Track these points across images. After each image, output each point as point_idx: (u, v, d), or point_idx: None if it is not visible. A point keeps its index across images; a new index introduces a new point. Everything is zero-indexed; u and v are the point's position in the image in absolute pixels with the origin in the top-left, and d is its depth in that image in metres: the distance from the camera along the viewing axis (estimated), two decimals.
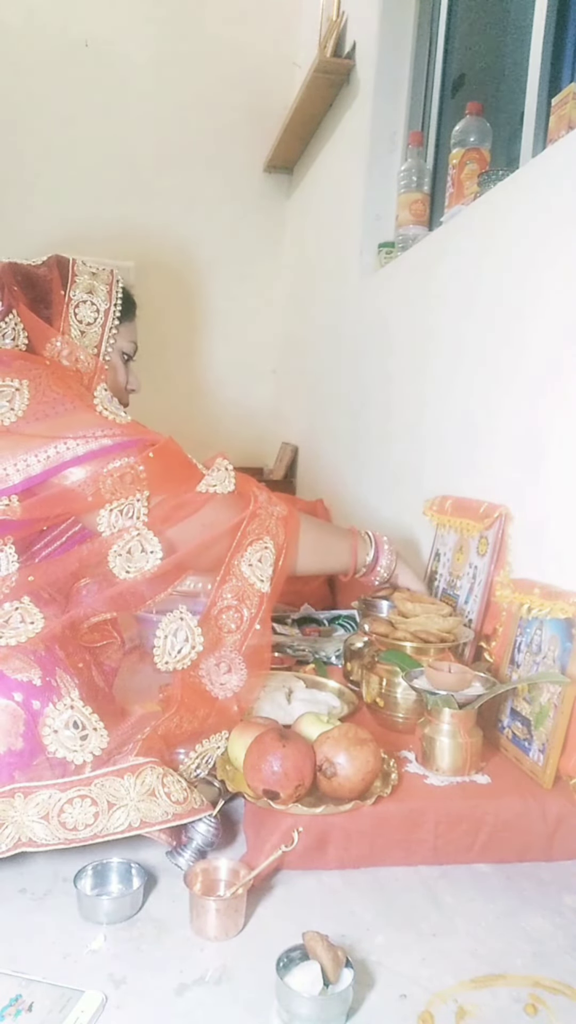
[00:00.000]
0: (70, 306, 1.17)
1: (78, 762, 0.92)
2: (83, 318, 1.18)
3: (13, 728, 0.90)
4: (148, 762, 0.94)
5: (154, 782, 0.92)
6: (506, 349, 1.39)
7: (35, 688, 0.92)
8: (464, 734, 1.05)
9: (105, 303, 1.20)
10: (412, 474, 1.80)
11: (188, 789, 0.95)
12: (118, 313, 1.21)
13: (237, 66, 3.32)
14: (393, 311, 2.02)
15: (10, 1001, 0.71)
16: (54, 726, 0.92)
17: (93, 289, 1.20)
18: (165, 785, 0.93)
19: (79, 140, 3.22)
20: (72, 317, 1.17)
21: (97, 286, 1.21)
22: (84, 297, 1.18)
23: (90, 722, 0.94)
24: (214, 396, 3.53)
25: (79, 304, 1.18)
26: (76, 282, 1.19)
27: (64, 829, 0.87)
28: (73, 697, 0.95)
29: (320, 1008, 0.69)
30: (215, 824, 0.94)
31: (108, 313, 1.19)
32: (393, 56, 2.27)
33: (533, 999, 0.74)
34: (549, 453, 1.23)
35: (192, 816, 0.93)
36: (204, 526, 1.07)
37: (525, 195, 1.37)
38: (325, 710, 1.22)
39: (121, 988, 0.74)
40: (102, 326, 1.19)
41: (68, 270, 1.20)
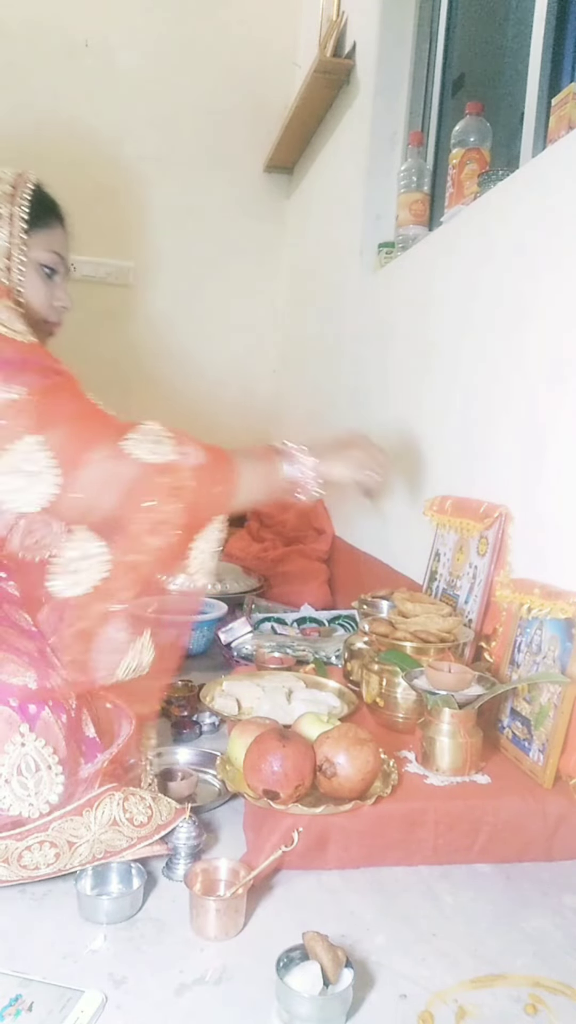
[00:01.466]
0: None
1: (34, 816, 0.87)
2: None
3: (8, 736, 0.89)
4: (105, 791, 0.91)
5: (114, 811, 0.90)
6: (506, 349, 1.39)
7: (31, 691, 0.91)
8: (464, 734, 1.05)
9: (8, 208, 1.05)
10: (412, 474, 1.80)
11: (152, 806, 0.92)
12: (24, 215, 1.06)
13: (237, 66, 3.32)
14: (393, 311, 2.02)
15: (10, 1001, 0.71)
16: (4, 775, 0.87)
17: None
18: (127, 811, 0.90)
19: (79, 140, 3.22)
20: None
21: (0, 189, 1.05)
22: None
23: (43, 759, 0.89)
24: (214, 396, 3.52)
25: None
26: None
27: (26, 870, 0.85)
28: (23, 731, 0.88)
29: (320, 1008, 0.69)
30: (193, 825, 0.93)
31: (13, 218, 1.05)
32: (393, 56, 2.26)
33: (533, 999, 0.74)
34: (549, 453, 1.23)
35: (158, 833, 0.91)
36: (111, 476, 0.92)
37: (525, 195, 1.37)
38: (325, 710, 1.22)
39: (121, 988, 0.74)
40: (8, 234, 1.05)
41: None
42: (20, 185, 1.09)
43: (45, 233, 1.11)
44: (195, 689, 1.37)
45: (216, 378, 3.51)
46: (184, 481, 0.97)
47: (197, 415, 3.49)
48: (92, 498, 0.92)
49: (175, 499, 0.95)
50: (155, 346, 3.42)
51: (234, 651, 1.64)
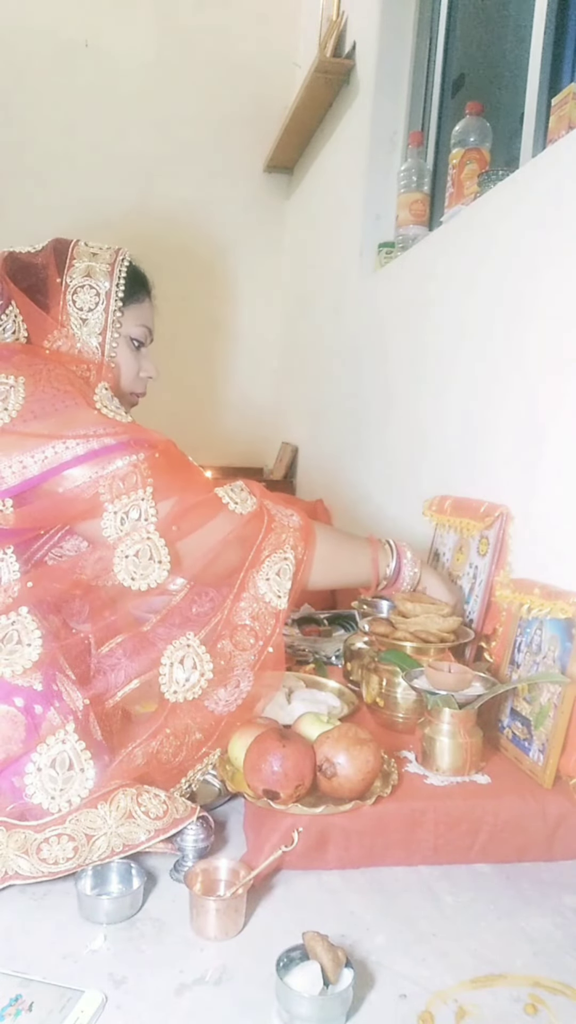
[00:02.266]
0: (67, 292, 1.07)
1: (53, 810, 0.89)
2: (82, 304, 1.07)
3: (13, 735, 0.88)
4: (118, 786, 0.91)
5: (129, 804, 0.89)
6: (506, 348, 1.39)
7: (36, 693, 0.91)
8: (464, 734, 1.05)
9: (106, 284, 1.08)
10: (412, 474, 1.80)
11: (167, 801, 0.93)
12: (121, 294, 1.10)
13: (237, 66, 3.33)
14: (393, 311, 2.02)
15: (10, 1001, 0.71)
16: (39, 763, 0.89)
17: (91, 272, 1.08)
18: (141, 804, 0.90)
19: (79, 140, 3.22)
20: (71, 305, 1.07)
21: (96, 267, 1.09)
22: (82, 281, 1.08)
23: (79, 760, 0.91)
24: (214, 396, 3.53)
25: (77, 290, 1.07)
26: (74, 266, 1.09)
27: (46, 864, 0.85)
28: (68, 730, 0.91)
29: (320, 1008, 0.69)
30: (203, 826, 0.93)
31: (110, 295, 1.08)
32: (393, 56, 2.27)
33: (533, 999, 0.74)
34: (549, 452, 1.23)
35: (176, 827, 0.90)
36: (216, 540, 1.01)
37: (525, 195, 1.37)
38: (325, 710, 1.22)
39: (121, 988, 0.74)
40: (104, 310, 1.08)
41: (66, 254, 1.10)
42: (117, 263, 1.11)
43: (136, 308, 1.15)
44: None
45: (216, 378, 3.52)
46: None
47: (197, 415, 3.52)
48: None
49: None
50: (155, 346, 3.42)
51: None
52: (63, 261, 1.09)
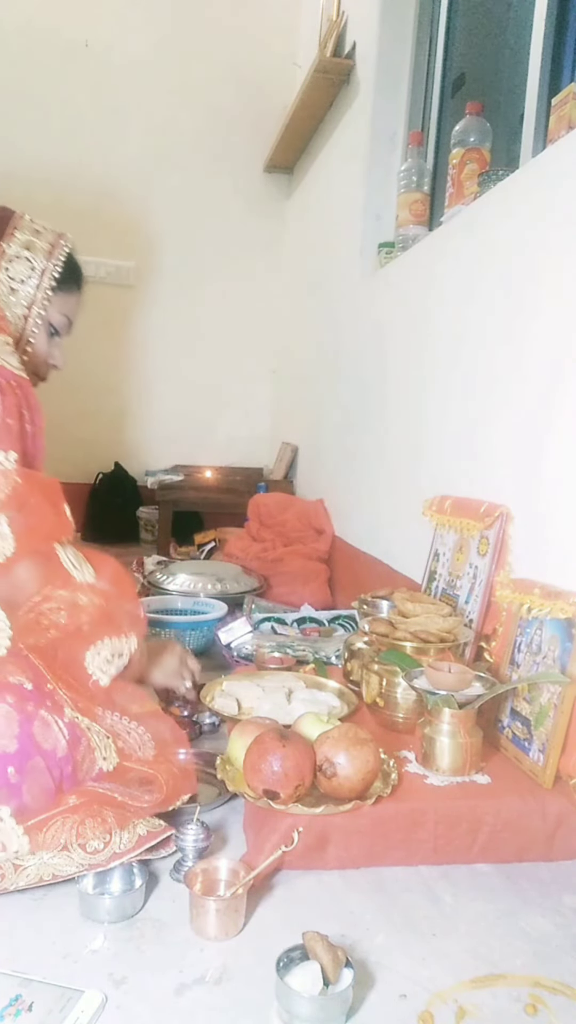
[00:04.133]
0: (2, 259, 1.08)
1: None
2: (15, 275, 1.08)
3: (7, 730, 0.89)
4: (58, 812, 0.88)
5: (66, 837, 0.86)
6: (506, 349, 1.39)
7: (27, 691, 0.92)
8: (464, 734, 1.05)
9: (43, 262, 1.10)
10: (412, 474, 1.80)
11: (112, 830, 0.88)
12: (56, 275, 1.11)
13: (237, 66, 3.33)
14: (393, 311, 2.02)
15: (10, 1001, 0.71)
16: None
17: (31, 246, 1.10)
18: (80, 836, 0.86)
19: (79, 140, 3.22)
20: (3, 271, 1.08)
21: (37, 243, 1.11)
22: (19, 252, 1.09)
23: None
24: (214, 396, 3.53)
25: (13, 259, 1.09)
26: (14, 236, 1.10)
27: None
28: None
29: (320, 1008, 0.69)
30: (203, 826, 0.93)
31: (45, 273, 1.10)
32: (393, 56, 2.26)
33: (533, 999, 0.74)
34: (549, 452, 1.23)
35: (114, 861, 0.86)
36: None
37: (525, 195, 1.37)
38: (325, 710, 1.22)
39: (121, 988, 0.74)
40: (36, 286, 1.09)
41: (7, 223, 1.11)
42: (58, 245, 1.13)
43: (65, 296, 1.15)
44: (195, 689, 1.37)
45: (216, 378, 3.52)
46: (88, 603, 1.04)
47: (197, 415, 3.52)
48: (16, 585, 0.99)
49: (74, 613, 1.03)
50: (155, 346, 3.42)
51: (234, 651, 1.64)
52: (3, 228, 1.10)
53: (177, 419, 3.46)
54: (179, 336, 3.44)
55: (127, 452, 3.39)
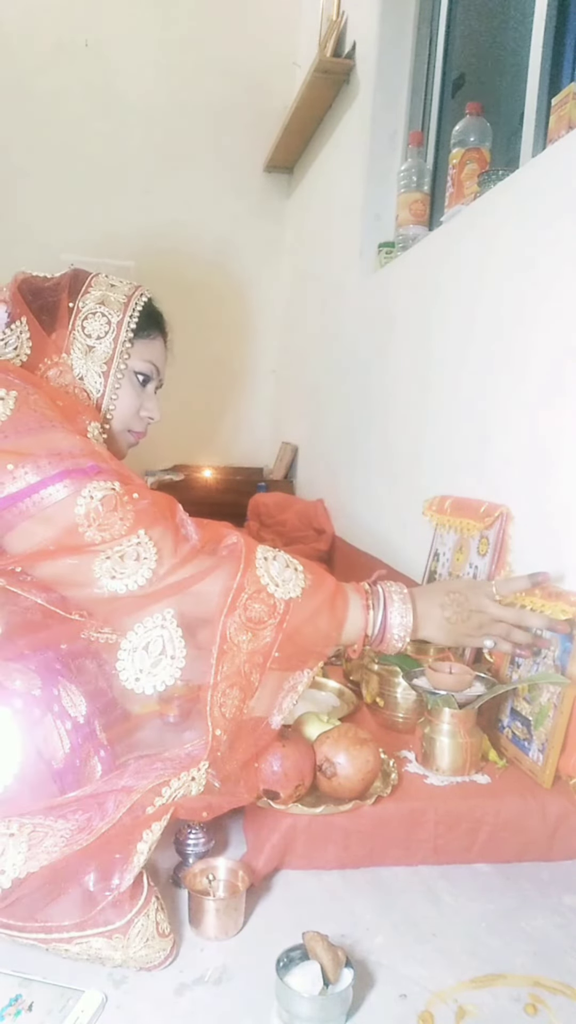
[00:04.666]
0: (77, 317, 1.03)
1: None
2: (91, 331, 1.03)
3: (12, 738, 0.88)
4: (138, 912, 0.77)
5: (149, 932, 0.77)
6: (507, 348, 1.39)
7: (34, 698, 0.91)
8: (464, 734, 1.05)
9: (119, 315, 1.05)
10: (412, 474, 1.80)
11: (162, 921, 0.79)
12: (133, 325, 1.06)
13: (237, 66, 3.32)
14: (393, 311, 2.02)
15: (10, 1001, 0.71)
16: None
17: (106, 300, 1.05)
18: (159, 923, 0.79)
19: (79, 140, 3.22)
20: (79, 330, 1.03)
21: (112, 297, 1.06)
22: (95, 308, 1.04)
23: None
24: (214, 396, 3.53)
25: (88, 316, 1.04)
26: (89, 292, 1.05)
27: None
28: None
29: (320, 1008, 0.69)
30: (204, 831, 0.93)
31: (121, 325, 1.05)
32: (393, 56, 2.27)
33: (533, 999, 0.74)
34: (550, 453, 1.23)
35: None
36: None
37: (525, 195, 1.37)
38: (325, 710, 1.22)
39: (121, 988, 0.74)
40: (114, 340, 1.04)
41: (83, 282, 1.07)
42: (134, 296, 1.09)
43: (147, 343, 1.11)
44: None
45: (216, 378, 3.52)
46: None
47: (197, 415, 3.51)
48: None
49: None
50: None
51: None
52: (78, 287, 1.06)
53: (177, 419, 3.45)
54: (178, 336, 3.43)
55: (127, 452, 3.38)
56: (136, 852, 0.77)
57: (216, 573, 0.87)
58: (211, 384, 3.51)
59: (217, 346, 3.50)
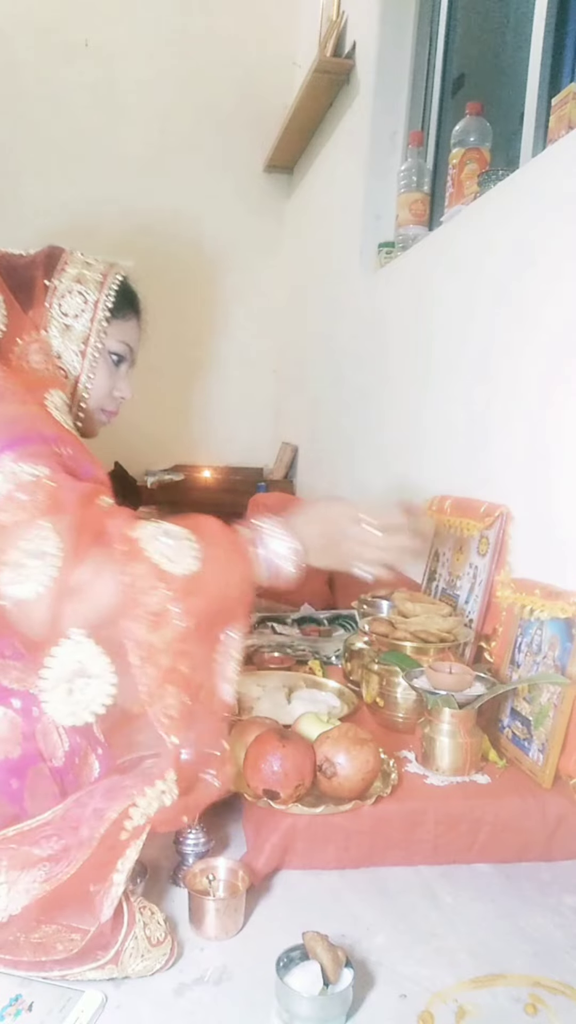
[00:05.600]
0: (53, 296, 1.03)
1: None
2: (68, 310, 1.03)
3: (11, 736, 0.88)
4: (124, 939, 0.75)
5: (142, 949, 0.76)
6: (506, 349, 1.39)
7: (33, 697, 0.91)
8: (464, 734, 1.05)
9: (95, 294, 1.05)
10: (412, 474, 1.80)
11: (160, 922, 0.79)
12: (110, 304, 1.06)
13: (237, 66, 3.32)
14: (393, 311, 2.02)
15: (10, 1001, 0.71)
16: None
17: (83, 279, 1.05)
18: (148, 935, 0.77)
19: (78, 140, 3.22)
20: (55, 308, 1.03)
21: (88, 276, 1.06)
22: (71, 286, 1.04)
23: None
24: (214, 396, 3.53)
25: (65, 294, 1.03)
26: (65, 271, 1.05)
27: None
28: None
29: (320, 1008, 0.69)
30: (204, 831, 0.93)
31: (98, 304, 1.05)
32: (393, 56, 2.26)
33: (533, 999, 0.74)
34: (550, 452, 1.23)
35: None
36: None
37: (525, 195, 1.37)
38: (325, 710, 1.22)
39: (121, 988, 0.74)
40: (91, 319, 1.04)
41: (58, 259, 1.07)
42: (110, 275, 1.08)
43: (122, 323, 1.10)
44: None
45: (216, 378, 3.52)
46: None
47: (197, 415, 3.51)
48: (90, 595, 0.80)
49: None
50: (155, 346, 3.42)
51: None
52: (53, 265, 1.06)
53: (177, 419, 3.46)
54: (178, 336, 3.44)
55: (127, 452, 3.38)
56: (113, 884, 0.75)
57: (108, 571, 0.80)
58: (211, 384, 3.52)
59: (217, 346, 3.50)
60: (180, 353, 3.45)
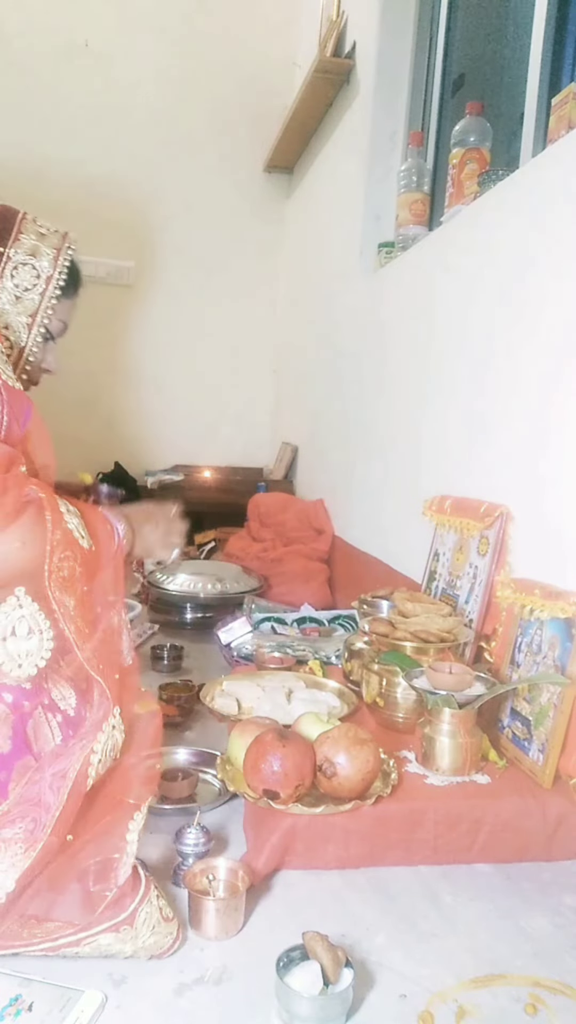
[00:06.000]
0: (7, 265, 1.05)
1: None
2: (20, 282, 1.05)
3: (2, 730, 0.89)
4: (140, 901, 0.79)
5: (154, 919, 0.79)
6: (506, 349, 1.39)
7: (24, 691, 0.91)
8: (464, 734, 1.05)
9: (48, 269, 1.06)
10: (412, 474, 1.80)
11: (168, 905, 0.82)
12: (62, 283, 1.08)
13: (237, 66, 3.32)
14: (393, 311, 2.02)
15: (10, 1001, 0.71)
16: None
17: (37, 252, 1.06)
18: (162, 910, 0.80)
19: (78, 140, 3.22)
20: (7, 278, 1.05)
21: (43, 249, 1.07)
22: (25, 259, 1.06)
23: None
24: (214, 396, 3.53)
25: (19, 265, 1.05)
26: (20, 240, 1.06)
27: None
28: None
29: (320, 1008, 0.69)
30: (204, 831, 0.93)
31: (50, 281, 1.07)
32: (393, 56, 2.26)
33: (533, 999, 0.74)
34: (549, 452, 1.23)
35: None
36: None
37: (525, 195, 1.37)
38: (325, 710, 1.22)
39: (121, 988, 0.74)
40: (41, 294, 1.06)
41: (12, 225, 1.07)
42: (63, 250, 1.09)
43: (66, 302, 1.12)
44: (195, 689, 1.37)
45: (216, 378, 3.51)
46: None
47: (197, 415, 3.51)
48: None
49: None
50: (155, 346, 3.42)
51: (234, 651, 1.64)
52: (8, 231, 1.07)
53: (177, 419, 3.46)
54: (179, 336, 3.44)
55: (127, 452, 3.38)
56: (127, 843, 0.80)
57: (40, 532, 0.86)
58: (211, 384, 3.51)
59: (217, 346, 3.50)
60: (180, 353, 3.45)
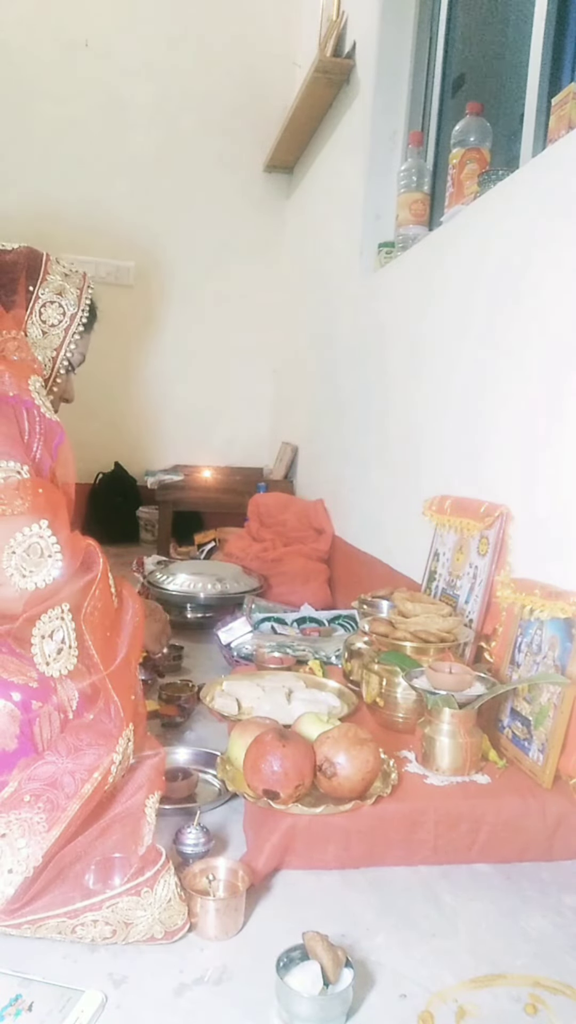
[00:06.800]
0: (36, 303, 1.13)
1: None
2: (48, 319, 1.14)
3: (8, 730, 0.89)
4: (161, 868, 0.83)
5: (172, 890, 0.82)
6: (506, 348, 1.39)
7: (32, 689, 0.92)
8: (464, 734, 1.05)
9: (73, 307, 1.16)
10: (412, 474, 1.80)
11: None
12: (84, 320, 1.17)
13: (237, 66, 3.33)
14: (393, 311, 2.02)
15: (10, 1001, 0.71)
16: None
17: (63, 291, 1.16)
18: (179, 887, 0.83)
19: (78, 140, 3.22)
20: (37, 315, 1.13)
21: (68, 289, 1.16)
22: (53, 298, 1.15)
23: None
24: (214, 396, 3.53)
25: (47, 304, 1.14)
26: (47, 280, 1.15)
27: (81, 940, 0.81)
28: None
29: (320, 1008, 0.69)
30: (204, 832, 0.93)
31: (75, 319, 1.16)
32: (393, 56, 2.26)
33: (533, 999, 0.74)
34: (549, 452, 1.23)
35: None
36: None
37: (525, 195, 1.37)
38: (325, 710, 1.22)
39: (121, 988, 0.74)
40: (65, 330, 1.15)
41: (39, 266, 1.15)
42: (84, 290, 1.18)
43: (86, 337, 1.20)
44: (195, 689, 1.37)
45: (216, 378, 3.52)
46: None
47: (197, 415, 3.52)
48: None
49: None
50: (155, 346, 3.43)
51: (234, 651, 1.64)
52: (36, 271, 1.15)
53: (177, 419, 3.46)
54: (179, 336, 3.44)
55: (127, 452, 3.39)
56: (146, 816, 0.86)
57: (81, 575, 0.96)
58: (211, 384, 3.52)
59: (217, 346, 3.50)
60: (180, 353, 3.45)
